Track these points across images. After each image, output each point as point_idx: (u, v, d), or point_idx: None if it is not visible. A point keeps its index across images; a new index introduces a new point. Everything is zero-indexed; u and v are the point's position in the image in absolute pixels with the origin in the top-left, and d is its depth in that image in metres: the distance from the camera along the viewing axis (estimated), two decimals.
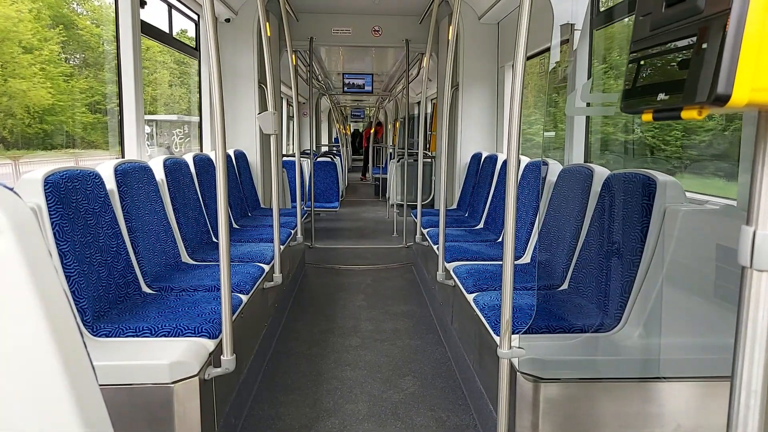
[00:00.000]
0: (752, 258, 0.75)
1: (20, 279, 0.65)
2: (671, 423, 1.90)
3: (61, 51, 5.04)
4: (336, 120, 16.92)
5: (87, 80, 5.54)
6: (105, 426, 0.76)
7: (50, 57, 4.67)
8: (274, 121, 3.16)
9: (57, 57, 4.93)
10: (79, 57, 5.41)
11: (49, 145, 5.00)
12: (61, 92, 5.02)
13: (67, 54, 5.28)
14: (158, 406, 1.86)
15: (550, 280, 2.76)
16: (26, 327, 0.66)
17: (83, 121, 5.32)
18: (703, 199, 2.35)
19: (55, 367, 0.68)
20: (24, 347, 0.67)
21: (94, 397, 0.74)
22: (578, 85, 3.31)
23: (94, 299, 2.15)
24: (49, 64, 4.65)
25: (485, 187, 4.62)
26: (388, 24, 5.87)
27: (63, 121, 5.02)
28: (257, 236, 3.96)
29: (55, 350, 0.67)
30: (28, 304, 0.66)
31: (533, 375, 1.88)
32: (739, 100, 0.68)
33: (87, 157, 5.30)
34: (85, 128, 5.42)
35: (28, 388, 0.68)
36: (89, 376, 0.75)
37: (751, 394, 0.78)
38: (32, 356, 0.67)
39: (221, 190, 2.04)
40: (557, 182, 3.00)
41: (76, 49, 5.29)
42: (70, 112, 5.14)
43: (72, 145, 5.36)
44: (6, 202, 0.67)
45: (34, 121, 4.59)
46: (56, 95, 4.87)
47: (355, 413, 2.60)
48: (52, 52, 4.65)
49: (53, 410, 0.68)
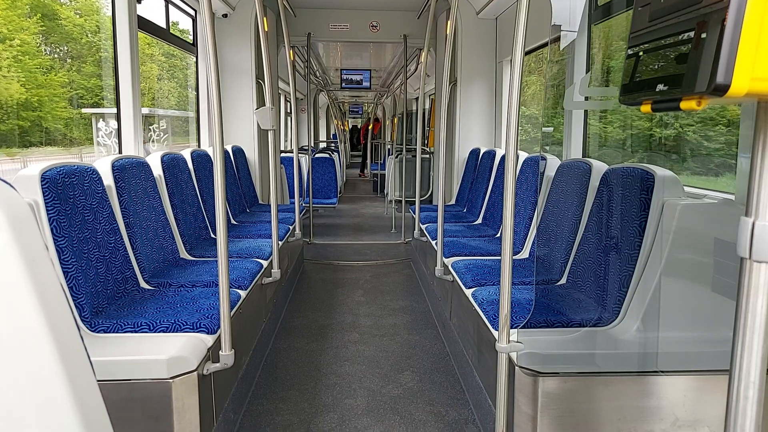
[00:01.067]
0: (751, 249, 0.75)
1: (17, 274, 0.65)
2: (669, 416, 1.91)
3: (41, 42, 4.87)
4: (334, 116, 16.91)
5: (70, 73, 5.36)
6: (103, 421, 0.76)
7: (25, 48, 4.49)
8: (272, 117, 3.15)
9: (35, 48, 4.76)
10: (62, 49, 5.24)
11: (27, 143, 4.84)
12: (39, 86, 4.85)
13: (48, 45, 5.10)
14: (157, 401, 1.86)
15: (549, 275, 2.77)
16: (24, 323, 0.66)
17: (63, 117, 5.17)
18: (702, 193, 2.35)
19: (53, 363, 0.67)
20: (21, 343, 0.66)
21: (92, 393, 0.74)
22: (576, 80, 3.31)
23: (92, 295, 2.14)
24: (24, 56, 4.47)
25: (483, 183, 4.62)
26: (385, 19, 5.85)
27: (41, 117, 4.86)
28: (255, 232, 3.96)
29: (52, 346, 0.67)
30: (25, 300, 0.65)
31: (531, 369, 1.89)
32: (739, 90, 0.67)
33: (63, 156, 5.16)
34: (66, 124, 5.27)
35: (26, 384, 0.67)
36: (87, 372, 0.75)
37: (750, 384, 0.78)
38: (30, 352, 0.67)
39: (219, 186, 2.03)
40: (555, 177, 3.00)
41: (59, 41, 5.11)
42: (49, 106, 4.98)
43: (52, 142, 5.21)
44: (3, 197, 0.66)
45: (9, 117, 4.44)
46: (33, 89, 4.71)
47: (353, 408, 2.61)
48: (25, 42, 4.45)
49: (51, 406, 0.68)
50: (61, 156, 5.19)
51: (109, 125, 4.98)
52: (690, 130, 2.98)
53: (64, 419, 0.69)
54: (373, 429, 2.43)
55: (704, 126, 2.89)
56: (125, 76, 3.24)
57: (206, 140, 4.95)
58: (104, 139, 5.03)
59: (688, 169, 2.92)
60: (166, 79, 7.43)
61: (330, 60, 9.60)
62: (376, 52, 8.54)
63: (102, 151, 5.19)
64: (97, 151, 5.22)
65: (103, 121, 5.09)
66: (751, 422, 0.79)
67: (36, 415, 0.68)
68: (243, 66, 5.03)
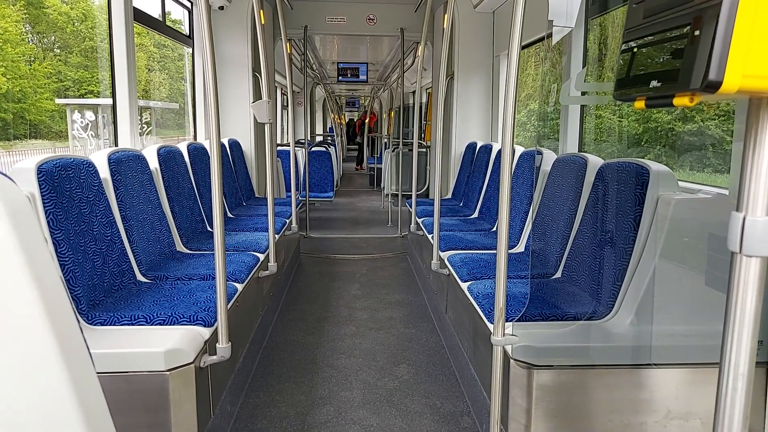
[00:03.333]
0: (741, 243, 0.76)
1: (17, 265, 0.66)
2: (662, 409, 1.93)
3: (23, 30, 4.72)
4: (331, 109, 16.85)
5: (56, 64, 5.21)
6: (103, 412, 0.77)
7: (6, 36, 4.35)
8: (268, 110, 3.15)
9: (19, 37, 4.61)
10: (48, 39, 5.08)
11: (11, 135, 4.70)
12: (22, 76, 4.71)
13: (31, 34, 4.94)
14: (154, 393, 1.87)
15: (544, 269, 2.78)
16: (24, 314, 0.66)
17: (48, 109, 5.02)
18: (696, 188, 2.37)
19: (53, 354, 0.68)
20: (22, 334, 0.67)
21: (92, 384, 0.75)
22: (572, 74, 3.32)
23: (88, 288, 2.15)
24: (5, 44, 4.34)
25: (480, 177, 4.63)
26: (382, 12, 5.83)
27: (25, 109, 4.72)
28: (252, 225, 3.96)
29: (52, 337, 0.68)
30: (24, 291, 0.66)
31: (526, 362, 1.90)
32: (731, 87, 0.68)
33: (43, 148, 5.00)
34: (51, 116, 5.13)
35: (27, 375, 0.68)
36: (87, 363, 0.75)
37: (739, 376, 0.79)
38: (30, 343, 0.67)
39: (216, 179, 2.04)
40: (551, 172, 3.01)
41: (44, 30, 4.96)
42: (32, 98, 4.82)
43: (36, 135, 5.06)
44: (2, 189, 0.66)
45: None
46: (14, 79, 4.57)
47: (350, 400, 2.62)
48: (6, 30, 4.31)
49: (52, 397, 0.69)
50: (41, 150, 5.07)
51: (85, 117, 4.87)
52: (712, 123, 2.88)
53: (65, 410, 0.70)
54: (369, 421, 2.45)
55: (728, 120, 2.74)
56: (121, 67, 3.23)
57: (202, 133, 4.93)
58: (80, 132, 4.92)
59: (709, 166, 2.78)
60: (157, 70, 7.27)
61: (327, 53, 9.56)
62: (373, 46, 8.51)
63: (77, 145, 5.05)
64: (72, 146, 5.08)
65: (78, 113, 4.95)
66: (740, 413, 0.81)
67: (36, 406, 0.69)
68: (239, 59, 5.01)
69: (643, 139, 3.19)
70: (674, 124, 3.10)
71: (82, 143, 4.95)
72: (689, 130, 3.04)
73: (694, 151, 2.97)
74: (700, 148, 2.96)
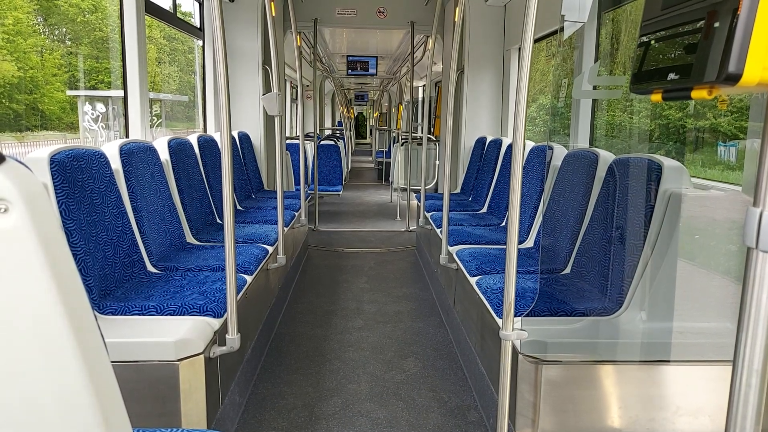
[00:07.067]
0: (758, 239, 0.76)
1: (33, 252, 0.66)
2: (671, 405, 1.92)
3: (35, 21, 4.72)
4: (340, 103, 16.84)
5: (69, 55, 5.21)
6: (117, 400, 0.77)
7: (18, 27, 4.34)
8: (278, 103, 3.15)
9: (30, 28, 4.61)
10: (59, 30, 5.09)
11: (23, 127, 4.70)
12: (33, 67, 4.70)
13: (43, 26, 4.93)
14: (164, 383, 1.88)
15: (553, 264, 2.77)
16: (39, 301, 0.67)
17: (60, 100, 5.03)
18: (709, 184, 2.34)
19: (68, 340, 0.69)
20: (37, 320, 0.68)
21: (106, 372, 0.76)
22: (585, 69, 3.29)
23: (100, 278, 2.17)
24: (17, 36, 4.33)
25: (489, 172, 4.61)
26: (393, 5, 5.81)
27: (37, 100, 4.73)
28: (261, 218, 3.97)
29: (67, 323, 0.68)
30: (40, 278, 0.67)
31: (535, 357, 1.90)
32: (751, 79, 0.67)
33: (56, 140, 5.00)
34: (63, 108, 5.14)
35: (43, 361, 0.69)
36: (101, 351, 0.76)
37: (753, 373, 0.79)
38: (45, 329, 0.68)
39: (226, 172, 2.04)
40: (562, 167, 3.00)
41: (57, 22, 4.97)
42: (44, 89, 4.82)
43: (47, 126, 5.05)
44: (18, 176, 0.67)
45: (2, 99, 4.33)
46: (26, 70, 4.56)
47: (357, 393, 2.64)
48: (18, 21, 4.30)
49: (67, 383, 0.70)
50: (52, 141, 5.07)
51: (96, 109, 4.87)
52: (723, 120, 2.84)
53: (79, 397, 0.70)
54: (376, 414, 2.46)
55: (741, 116, 2.71)
56: (132, 59, 3.24)
57: (212, 125, 4.95)
58: (90, 124, 4.91)
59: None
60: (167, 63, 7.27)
61: (336, 46, 9.55)
62: (382, 39, 8.48)
63: (88, 137, 5.05)
64: (83, 137, 5.09)
65: (90, 105, 4.94)
66: (753, 410, 0.80)
67: (52, 393, 0.70)
68: (250, 51, 5.02)
69: (654, 135, 3.14)
70: (686, 120, 3.04)
71: (93, 135, 4.97)
72: (701, 127, 3.00)
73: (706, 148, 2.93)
74: (712, 145, 2.92)
